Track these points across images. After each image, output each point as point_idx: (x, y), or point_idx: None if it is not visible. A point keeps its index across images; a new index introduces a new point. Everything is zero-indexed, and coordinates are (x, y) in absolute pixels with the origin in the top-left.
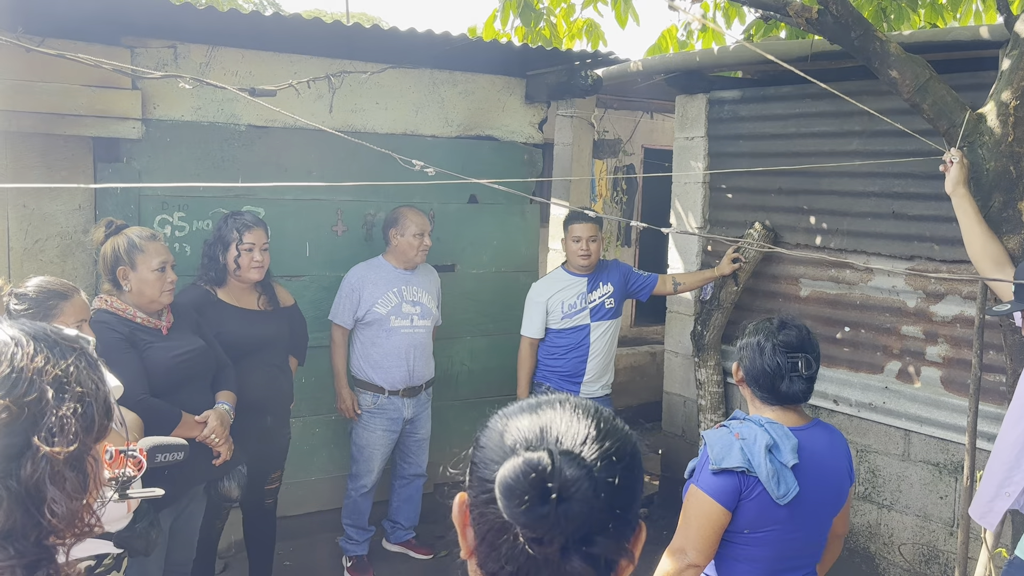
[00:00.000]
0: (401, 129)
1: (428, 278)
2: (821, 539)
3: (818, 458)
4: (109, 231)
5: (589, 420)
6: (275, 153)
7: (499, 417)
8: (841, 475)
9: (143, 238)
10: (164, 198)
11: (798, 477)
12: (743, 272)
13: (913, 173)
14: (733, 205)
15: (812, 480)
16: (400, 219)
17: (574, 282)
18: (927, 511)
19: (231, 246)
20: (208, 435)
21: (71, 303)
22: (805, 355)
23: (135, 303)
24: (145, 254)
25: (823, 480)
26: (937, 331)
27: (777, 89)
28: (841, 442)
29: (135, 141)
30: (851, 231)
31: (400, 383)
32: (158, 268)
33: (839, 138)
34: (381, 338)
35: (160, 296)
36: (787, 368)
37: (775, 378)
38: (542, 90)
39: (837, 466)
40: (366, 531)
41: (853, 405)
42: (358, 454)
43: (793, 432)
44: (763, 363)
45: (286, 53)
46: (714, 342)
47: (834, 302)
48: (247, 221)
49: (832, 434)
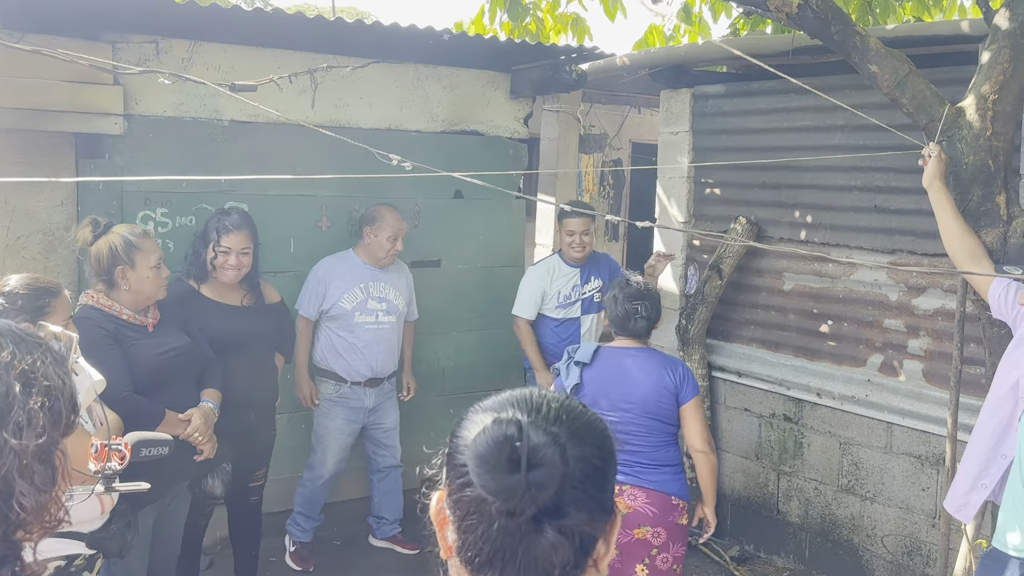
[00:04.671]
0: (385, 124)
1: (398, 275)
2: (641, 429)
3: (618, 364)
4: (98, 231)
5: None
6: (259, 148)
7: (473, 409)
8: (646, 383)
9: (138, 236)
10: (147, 194)
11: (590, 372)
12: (727, 265)
13: (895, 167)
14: (717, 200)
15: (605, 378)
16: (377, 219)
17: (569, 272)
18: (909, 503)
19: (209, 245)
20: (191, 433)
21: (60, 300)
22: (644, 302)
23: (130, 301)
24: (142, 252)
25: (618, 379)
26: (919, 324)
27: (761, 84)
28: (663, 361)
29: (117, 137)
30: (834, 225)
31: (361, 376)
32: (155, 265)
33: (822, 132)
34: (345, 332)
35: (158, 292)
36: (631, 312)
37: (625, 320)
38: (527, 85)
39: (642, 376)
40: (315, 520)
41: (836, 398)
42: (316, 443)
43: (621, 350)
44: (617, 309)
45: (269, 48)
46: (699, 336)
47: (817, 296)
48: (230, 223)
49: (652, 355)
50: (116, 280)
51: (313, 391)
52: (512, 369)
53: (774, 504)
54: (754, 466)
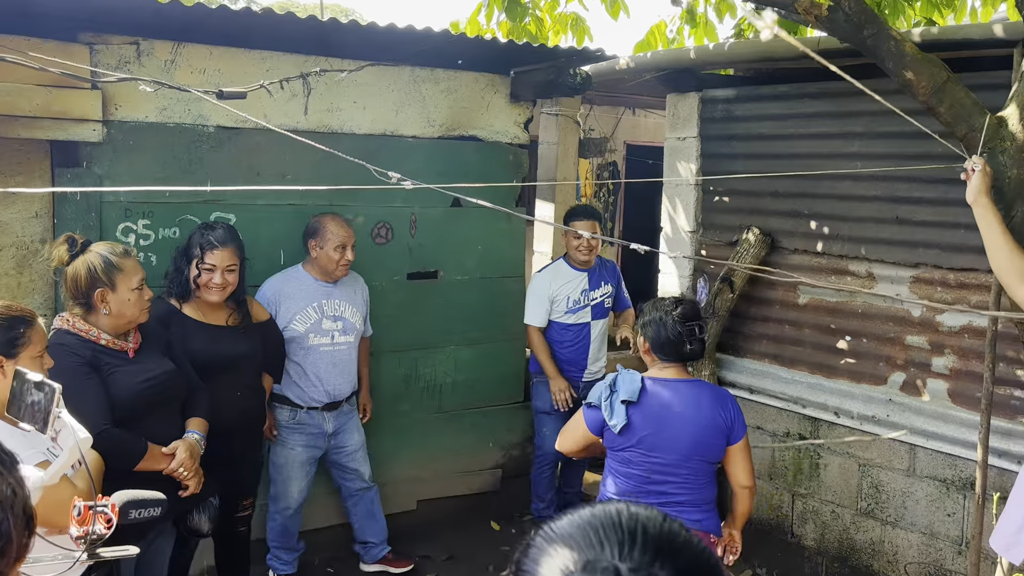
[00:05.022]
0: (380, 129)
1: (352, 288)
2: (688, 471)
3: (668, 401)
4: (75, 250)
5: (658, 530)
6: (246, 156)
7: (546, 537)
8: (699, 422)
9: (118, 255)
10: (127, 205)
11: (638, 412)
12: (739, 278)
13: (919, 177)
14: (727, 208)
15: (656, 417)
16: (319, 230)
17: (576, 276)
18: (934, 528)
19: (193, 262)
20: (176, 468)
21: (35, 330)
22: (699, 322)
23: (110, 325)
24: (124, 273)
25: (669, 419)
26: (944, 341)
27: (773, 88)
28: (714, 397)
29: (96, 144)
30: (852, 236)
31: (317, 401)
32: (137, 287)
33: (839, 139)
34: (299, 356)
35: (140, 315)
36: (687, 334)
37: (678, 344)
38: (528, 88)
39: (695, 414)
40: (295, 551)
41: (855, 418)
42: (276, 474)
43: (669, 383)
44: (667, 333)
45: (257, 50)
46: (709, 350)
47: (834, 310)
48: (214, 238)
49: (701, 389)
50: (95, 303)
51: (271, 421)
52: (514, 385)
53: (788, 527)
54: (767, 487)
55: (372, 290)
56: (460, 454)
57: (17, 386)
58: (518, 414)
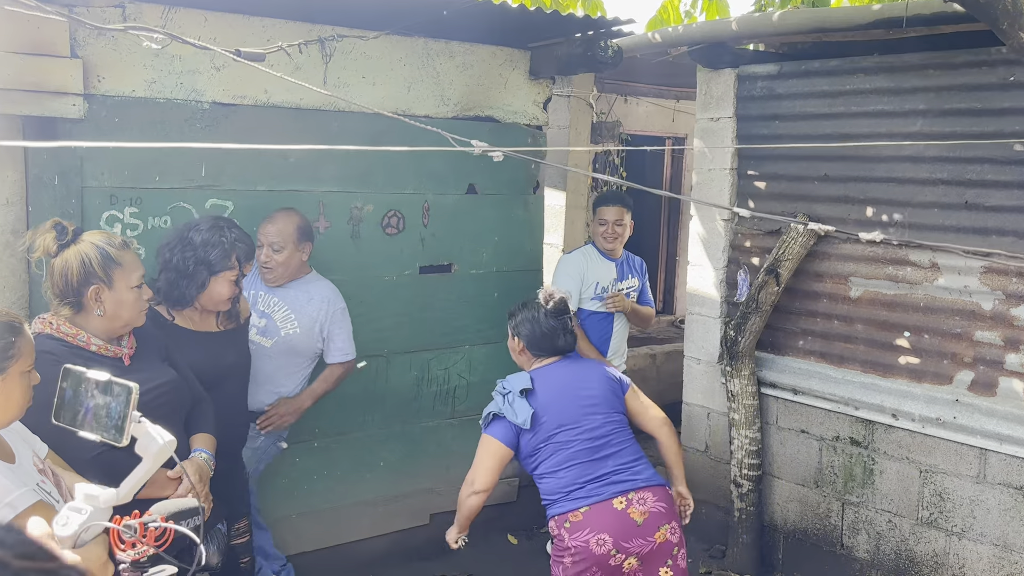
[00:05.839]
0: (391, 107)
1: (306, 295)
2: (613, 427)
3: (559, 374)
4: (64, 239)
5: None
6: (245, 136)
7: None
8: (593, 378)
9: (117, 247)
10: (112, 190)
11: (537, 399)
12: (785, 269)
13: (992, 158)
14: (768, 195)
15: (556, 391)
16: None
17: (606, 264)
18: (1008, 540)
19: (221, 275)
20: (185, 495)
21: (24, 339)
22: (566, 316)
23: (103, 328)
24: (123, 268)
25: (569, 385)
26: (1019, 337)
27: (824, 63)
28: (588, 361)
29: (76, 121)
30: (913, 223)
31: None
32: (137, 284)
33: (898, 118)
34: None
35: (137, 319)
36: (560, 327)
37: (553, 337)
38: (550, 63)
39: (587, 373)
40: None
41: (916, 420)
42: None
43: (549, 367)
44: (540, 329)
45: (258, 16)
46: (749, 349)
47: (891, 304)
48: (250, 248)
49: (577, 359)
50: (87, 302)
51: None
52: None
53: (837, 538)
54: (813, 495)
55: (383, 285)
56: None
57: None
58: None
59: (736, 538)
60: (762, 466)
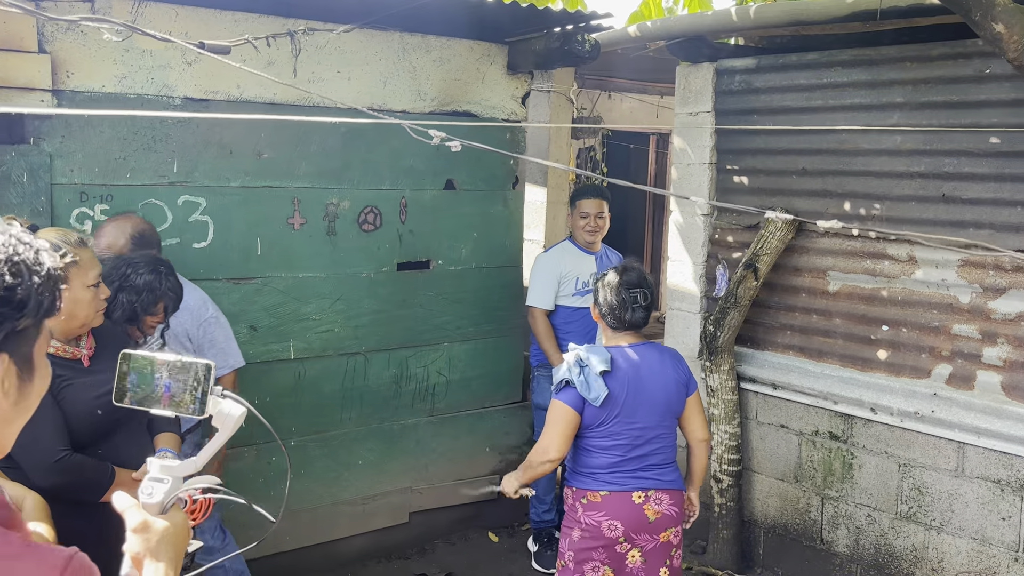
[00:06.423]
0: (366, 103)
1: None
2: (664, 430)
3: (637, 364)
4: None
5: None
6: (217, 131)
7: None
8: (667, 379)
9: (73, 244)
10: (83, 187)
11: (613, 381)
12: (764, 263)
13: (969, 151)
14: (747, 190)
15: (631, 381)
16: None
17: (584, 258)
18: (986, 534)
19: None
20: None
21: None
22: (643, 290)
23: (59, 329)
24: (79, 266)
25: (643, 381)
26: (996, 330)
27: (800, 56)
28: (671, 353)
29: (45, 118)
30: (890, 217)
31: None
32: (94, 283)
33: (876, 111)
34: None
35: (94, 319)
36: (630, 300)
37: (622, 309)
38: (527, 58)
39: (663, 371)
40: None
41: (894, 414)
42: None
43: (630, 348)
44: (612, 297)
45: (229, 11)
46: (728, 343)
47: (869, 298)
48: (179, 299)
49: (662, 351)
50: None
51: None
52: (511, 384)
53: (817, 533)
54: (792, 489)
55: (359, 282)
56: (455, 461)
57: (133, 372)
58: (515, 415)
59: (717, 534)
60: (742, 461)
